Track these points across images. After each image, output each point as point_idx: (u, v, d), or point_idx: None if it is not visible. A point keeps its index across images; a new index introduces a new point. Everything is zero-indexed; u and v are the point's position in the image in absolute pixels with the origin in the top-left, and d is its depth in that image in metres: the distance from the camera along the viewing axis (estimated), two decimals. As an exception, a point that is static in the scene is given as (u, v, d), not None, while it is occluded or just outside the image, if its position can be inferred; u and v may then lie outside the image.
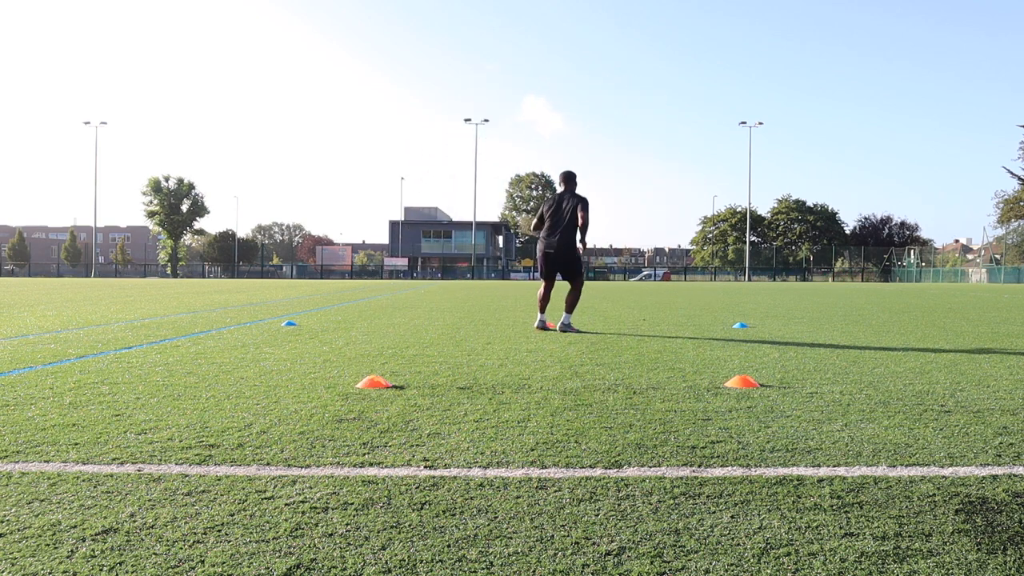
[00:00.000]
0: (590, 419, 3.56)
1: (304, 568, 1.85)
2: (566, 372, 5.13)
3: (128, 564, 1.86)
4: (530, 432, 3.28)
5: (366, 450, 2.96)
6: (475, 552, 1.95)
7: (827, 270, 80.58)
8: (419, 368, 5.31)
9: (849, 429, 3.37)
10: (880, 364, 5.65)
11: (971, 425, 3.46)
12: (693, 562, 1.89)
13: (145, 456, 2.85)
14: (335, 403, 3.93)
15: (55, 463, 2.74)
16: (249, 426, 3.37)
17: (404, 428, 3.36)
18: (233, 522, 2.15)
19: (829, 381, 4.78)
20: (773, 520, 2.19)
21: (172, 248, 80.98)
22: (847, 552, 1.96)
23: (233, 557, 1.91)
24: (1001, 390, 4.46)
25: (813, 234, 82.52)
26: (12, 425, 3.36)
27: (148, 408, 3.77)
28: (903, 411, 3.79)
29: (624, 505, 2.32)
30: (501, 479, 2.58)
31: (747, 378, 4.60)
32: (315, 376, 4.89)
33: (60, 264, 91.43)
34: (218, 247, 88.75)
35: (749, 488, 2.49)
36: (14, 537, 2.03)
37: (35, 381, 4.59)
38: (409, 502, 2.34)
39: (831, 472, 2.69)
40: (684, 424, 3.45)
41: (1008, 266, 64.97)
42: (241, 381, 4.64)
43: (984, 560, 1.92)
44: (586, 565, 1.88)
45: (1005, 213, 67.67)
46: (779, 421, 3.53)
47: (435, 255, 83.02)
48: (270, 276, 77.79)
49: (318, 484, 2.51)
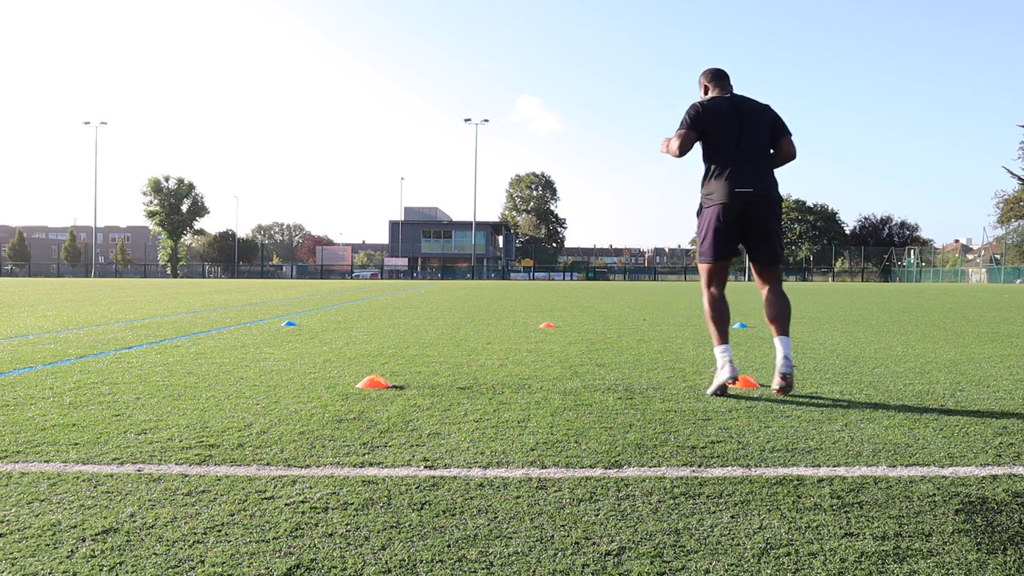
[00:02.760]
0: (590, 419, 3.56)
1: (304, 568, 1.85)
2: (566, 372, 5.13)
3: (128, 564, 1.86)
4: (530, 432, 3.28)
5: (366, 450, 2.96)
6: (475, 552, 1.95)
7: (827, 270, 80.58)
8: (419, 368, 5.31)
9: (849, 429, 3.37)
10: (880, 364, 5.65)
11: (971, 425, 3.46)
12: (693, 562, 1.89)
13: (145, 456, 2.85)
14: (335, 403, 3.93)
15: (55, 463, 2.74)
16: (249, 426, 3.37)
17: (404, 428, 3.36)
18: (233, 522, 2.15)
19: (829, 381, 4.77)
20: (773, 520, 2.19)
21: (172, 248, 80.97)
22: (847, 552, 1.96)
23: (233, 557, 1.91)
24: (1001, 390, 4.46)
25: (813, 234, 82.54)
26: (12, 425, 3.36)
27: (148, 408, 3.77)
28: (903, 411, 3.79)
29: (624, 505, 2.32)
30: (501, 479, 2.58)
31: (747, 378, 4.60)
32: (315, 376, 4.89)
33: (60, 264, 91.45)
34: (218, 247, 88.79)
35: (749, 488, 2.49)
36: (14, 537, 2.03)
37: (35, 381, 4.59)
38: (409, 502, 2.34)
39: (831, 472, 2.69)
40: (684, 424, 3.45)
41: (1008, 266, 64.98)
42: (241, 381, 4.64)
43: (984, 560, 1.92)
44: (586, 565, 1.88)
45: (1005, 213, 67.67)
46: (779, 421, 3.53)
47: (435, 255, 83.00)
48: (270, 276, 77.78)
49: (318, 484, 2.51)
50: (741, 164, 4.40)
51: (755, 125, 4.50)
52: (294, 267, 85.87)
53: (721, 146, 4.44)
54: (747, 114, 4.50)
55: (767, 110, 4.58)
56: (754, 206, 4.38)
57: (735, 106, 4.52)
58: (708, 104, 4.51)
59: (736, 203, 4.35)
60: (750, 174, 4.39)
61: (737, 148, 4.41)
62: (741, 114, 4.48)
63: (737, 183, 4.36)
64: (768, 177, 4.47)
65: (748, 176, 4.38)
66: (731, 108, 4.50)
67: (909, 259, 76.44)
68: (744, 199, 4.35)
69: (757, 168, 4.43)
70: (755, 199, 4.37)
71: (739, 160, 4.40)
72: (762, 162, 4.47)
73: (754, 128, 4.48)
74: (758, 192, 4.37)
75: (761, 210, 4.40)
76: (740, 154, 4.41)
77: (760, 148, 4.48)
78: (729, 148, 4.42)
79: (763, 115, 4.54)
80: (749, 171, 4.39)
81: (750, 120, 4.49)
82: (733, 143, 4.42)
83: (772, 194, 4.45)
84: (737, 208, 4.36)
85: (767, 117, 4.55)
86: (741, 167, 4.39)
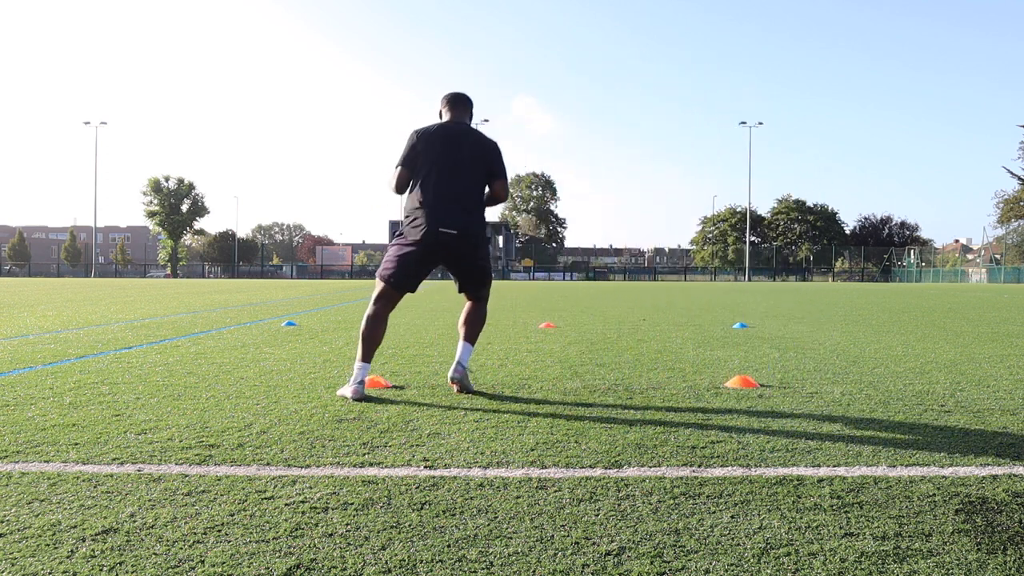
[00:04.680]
0: (590, 419, 3.56)
1: (304, 568, 1.85)
2: (566, 372, 5.13)
3: (128, 564, 1.86)
4: (530, 432, 3.28)
5: (366, 450, 2.96)
6: (475, 552, 1.95)
7: (827, 270, 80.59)
8: (419, 368, 5.31)
9: (849, 429, 3.37)
10: (880, 364, 5.65)
11: (971, 425, 3.46)
12: (693, 562, 1.89)
13: (145, 456, 2.85)
14: (335, 403, 3.93)
15: (55, 463, 2.74)
16: (249, 426, 3.37)
17: (404, 428, 3.36)
18: (233, 522, 2.15)
19: (829, 381, 4.78)
20: (773, 520, 2.19)
21: (172, 248, 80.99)
22: (847, 552, 1.96)
23: (233, 557, 1.91)
24: (1001, 390, 4.46)
25: (813, 234, 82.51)
26: (12, 425, 3.36)
27: (148, 408, 3.77)
28: (903, 411, 3.79)
29: (624, 505, 2.32)
30: (501, 479, 2.58)
31: (747, 378, 4.60)
32: (315, 376, 4.89)
33: (60, 264, 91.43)
34: (218, 247, 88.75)
35: (749, 488, 2.49)
36: (14, 537, 2.03)
37: (35, 381, 4.59)
38: (409, 502, 2.34)
39: (831, 472, 2.69)
40: (684, 424, 3.45)
41: (1008, 266, 64.99)
42: (241, 381, 4.64)
43: (984, 560, 1.92)
44: (586, 565, 1.88)
45: (1005, 213, 67.69)
46: (779, 421, 3.53)
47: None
48: (270, 276, 77.77)
49: (318, 484, 2.51)
50: (448, 199, 4.19)
51: (471, 159, 4.29)
52: (294, 267, 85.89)
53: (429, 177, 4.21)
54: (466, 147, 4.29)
55: (491, 148, 4.39)
56: (455, 245, 4.21)
57: (457, 136, 4.30)
58: (423, 133, 4.28)
59: (436, 241, 4.16)
60: (455, 212, 4.19)
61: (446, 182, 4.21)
62: (460, 146, 4.28)
63: (441, 222, 4.15)
64: (473, 214, 4.26)
65: (452, 214, 4.18)
66: (452, 137, 4.29)
67: (909, 259, 76.45)
68: (445, 239, 4.17)
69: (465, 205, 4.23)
70: (455, 240, 4.19)
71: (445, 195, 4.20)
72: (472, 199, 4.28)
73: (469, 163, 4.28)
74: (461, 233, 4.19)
75: (463, 247, 4.24)
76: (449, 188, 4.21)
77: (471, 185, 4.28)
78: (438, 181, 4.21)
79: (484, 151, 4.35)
80: (455, 208, 4.20)
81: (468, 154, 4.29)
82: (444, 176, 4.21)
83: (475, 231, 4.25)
84: (437, 246, 4.18)
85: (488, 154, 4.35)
86: (447, 202, 4.19)
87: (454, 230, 4.17)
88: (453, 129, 4.33)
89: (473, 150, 4.31)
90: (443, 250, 4.23)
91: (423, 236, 4.16)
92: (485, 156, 4.34)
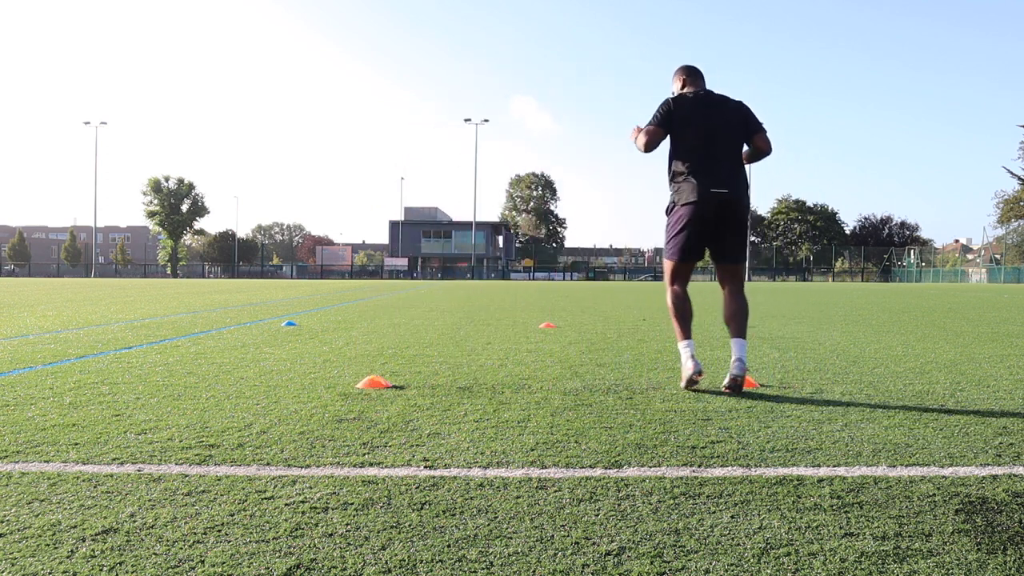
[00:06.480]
0: (590, 419, 3.56)
1: (304, 568, 1.85)
2: (566, 372, 5.13)
3: (128, 564, 1.86)
4: (530, 432, 3.28)
5: (366, 450, 2.96)
6: (475, 552, 1.95)
7: (827, 270, 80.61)
8: (419, 368, 5.31)
9: (849, 429, 3.37)
10: (880, 364, 5.65)
11: (971, 425, 3.46)
12: (693, 562, 1.89)
13: (145, 456, 2.85)
14: (335, 403, 3.94)
15: (55, 463, 2.74)
16: (249, 426, 3.37)
17: (404, 428, 3.36)
18: (233, 522, 2.15)
19: (829, 381, 4.77)
20: (773, 520, 2.19)
21: (172, 248, 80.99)
22: (847, 552, 1.96)
23: (233, 557, 1.91)
24: (1001, 390, 4.46)
25: (813, 234, 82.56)
26: (12, 425, 3.36)
27: (148, 408, 3.77)
28: (903, 411, 3.79)
29: (624, 505, 2.32)
30: (501, 479, 2.58)
31: (747, 378, 4.60)
32: (315, 376, 4.89)
33: (60, 264, 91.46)
34: (218, 247, 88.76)
35: (749, 488, 2.49)
36: (14, 537, 2.03)
37: (35, 381, 4.59)
38: (409, 502, 2.34)
39: (831, 472, 2.69)
40: (684, 424, 3.45)
41: (1008, 266, 64.99)
42: (241, 381, 4.64)
43: (984, 560, 1.92)
44: (586, 565, 1.88)
45: (1005, 213, 67.71)
46: (779, 421, 3.53)
47: (435, 255, 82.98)
48: (270, 276, 77.76)
49: (318, 484, 2.51)
50: (713, 163, 4.36)
51: (727, 123, 4.45)
52: (294, 267, 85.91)
53: (692, 144, 4.39)
54: (719, 111, 4.46)
55: (740, 107, 4.54)
56: (726, 207, 4.33)
57: (707, 103, 4.47)
58: (679, 100, 4.47)
59: (709, 203, 4.31)
60: (723, 174, 4.35)
61: (708, 147, 4.38)
62: (713, 111, 4.44)
63: (711, 183, 4.31)
64: (739, 178, 4.43)
65: (721, 176, 4.34)
66: (703, 105, 4.46)
67: (909, 259, 76.46)
68: (718, 199, 4.31)
69: (730, 168, 4.39)
70: (728, 199, 4.33)
71: (710, 159, 4.36)
72: (734, 162, 4.43)
73: (726, 126, 4.44)
74: (731, 193, 4.33)
75: (732, 211, 4.37)
76: (712, 153, 4.37)
77: (732, 147, 4.45)
78: (700, 146, 4.38)
79: (736, 112, 4.50)
80: (721, 171, 4.36)
81: (722, 118, 4.45)
82: (704, 141, 4.38)
83: (743, 196, 4.41)
84: (710, 209, 4.32)
85: (740, 114, 4.51)
86: (713, 167, 4.36)
87: (725, 189, 4.34)
88: (711, 97, 4.52)
89: (728, 116, 4.49)
90: (713, 212, 4.34)
91: (698, 195, 4.32)
92: (740, 118, 4.51)
